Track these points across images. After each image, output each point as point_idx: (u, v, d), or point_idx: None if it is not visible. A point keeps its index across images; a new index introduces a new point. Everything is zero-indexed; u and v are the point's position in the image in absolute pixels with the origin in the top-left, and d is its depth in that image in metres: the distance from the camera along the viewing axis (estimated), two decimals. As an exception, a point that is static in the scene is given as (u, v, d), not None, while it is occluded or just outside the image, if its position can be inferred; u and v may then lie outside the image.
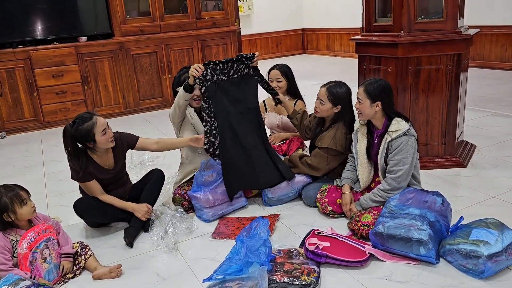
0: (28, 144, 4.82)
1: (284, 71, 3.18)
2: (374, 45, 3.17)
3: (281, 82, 3.17)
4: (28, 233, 2.09)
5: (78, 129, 2.36)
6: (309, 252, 2.13)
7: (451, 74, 3.03)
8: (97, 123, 2.38)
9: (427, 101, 3.11)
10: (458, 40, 2.95)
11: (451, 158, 3.21)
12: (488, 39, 6.74)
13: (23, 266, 2.04)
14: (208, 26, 6.10)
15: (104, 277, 2.18)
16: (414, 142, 2.34)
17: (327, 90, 2.63)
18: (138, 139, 2.68)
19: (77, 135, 2.37)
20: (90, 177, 2.50)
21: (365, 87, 2.39)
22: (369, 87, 2.37)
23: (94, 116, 2.40)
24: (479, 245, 1.94)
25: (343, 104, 2.64)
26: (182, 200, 2.81)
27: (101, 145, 2.45)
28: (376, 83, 2.38)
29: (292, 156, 2.86)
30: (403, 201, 2.25)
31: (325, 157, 2.68)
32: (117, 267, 2.20)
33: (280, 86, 3.16)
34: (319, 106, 2.68)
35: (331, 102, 2.63)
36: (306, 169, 2.76)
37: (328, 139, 2.65)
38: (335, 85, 2.65)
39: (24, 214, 2.11)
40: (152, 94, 5.93)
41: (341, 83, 2.68)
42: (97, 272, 2.19)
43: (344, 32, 9.53)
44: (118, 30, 5.61)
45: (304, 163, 2.74)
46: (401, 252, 2.11)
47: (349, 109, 2.68)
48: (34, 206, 2.16)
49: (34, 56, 5.18)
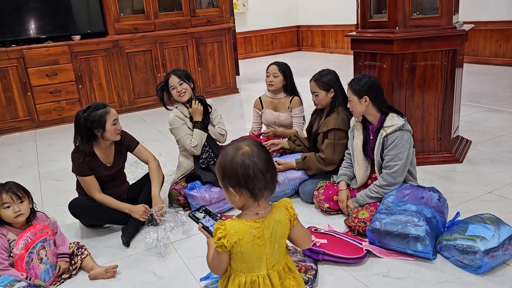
0: (22, 144, 4.78)
1: (282, 68, 3.17)
2: (369, 41, 3.16)
3: (277, 77, 3.15)
4: (25, 233, 2.07)
5: (91, 114, 2.42)
6: (306, 250, 2.12)
7: (447, 70, 3.03)
8: (110, 112, 2.47)
9: (423, 97, 3.11)
10: (453, 36, 2.95)
11: (446, 154, 3.21)
12: (482, 34, 6.76)
13: (19, 267, 2.03)
14: (203, 24, 6.08)
15: (100, 277, 2.17)
16: (409, 137, 2.34)
17: (315, 82, 2.76)
18: (138, 145, 2.72)
19: (89, 119, 2.42)
20: (89, 171, 2.50)
21: (350, 85, 2.43)
22: (354, 84, 2.41)
23: (108, 106, 2.50)
24: (476, 240, 1.94)
25: (335, 87, 2.74)
26: (178, 195, 2.80)
27: (109, 135, 2.49)
28: (361, 79, 2.40)
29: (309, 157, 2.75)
30: (400, 198, 2.25)
31: (333, 144, 2.67)
32: (113, 267, 2.19)
33: (275, 82, 3.15)
34: (316, 99, 2.79)
35: (323, 89, 2.74)
36: (321, 165, 2.71)
37: (332, 121, 2.69)
38: (320, 74, 2.77)
39: (4, 216, 2.08)
40: (147, 92, 5.90)
41: (324, 70, 2.80)
42: (93, 272, 2.18)
43: (339, 29, 9.52)
44: (112, 28, 5.58)
45: (318, 159, 2.72)
46: (398, 248, 2.11)
47: (342, 89, 2.76)
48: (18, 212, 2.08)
49: (28, 55, 5.14)
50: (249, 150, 1.27)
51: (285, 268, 1.36)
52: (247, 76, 7.85)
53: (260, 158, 1.26)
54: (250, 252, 1.28)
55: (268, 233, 1.30)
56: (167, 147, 4.09)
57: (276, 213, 1.34)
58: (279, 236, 1.33)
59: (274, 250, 1.32)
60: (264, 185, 1.27)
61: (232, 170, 1.26)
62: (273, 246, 1.32)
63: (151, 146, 4.15)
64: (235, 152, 1.27)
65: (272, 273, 1.32)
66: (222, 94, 6.35)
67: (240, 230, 1.27)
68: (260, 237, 1.29)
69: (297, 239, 1.40)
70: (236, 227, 1.27)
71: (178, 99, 2.86)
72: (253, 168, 1.24)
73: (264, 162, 1.27)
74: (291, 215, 1.36)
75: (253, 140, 1.35)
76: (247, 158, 1.25)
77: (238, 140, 1.44)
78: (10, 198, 2.07)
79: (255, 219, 1.30)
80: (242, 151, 1.27)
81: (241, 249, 1.28)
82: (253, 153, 1.26)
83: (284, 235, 1.35)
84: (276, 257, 1.34)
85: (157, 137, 4.56)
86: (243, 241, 1.27)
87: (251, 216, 1.30)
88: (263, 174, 1.25)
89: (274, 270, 1.33)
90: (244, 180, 1.25)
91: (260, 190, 1.27)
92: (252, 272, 1.31)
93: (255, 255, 1.29)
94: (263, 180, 1.26)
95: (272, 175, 1.29)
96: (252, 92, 6.41)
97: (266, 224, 1.30)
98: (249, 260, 1.29)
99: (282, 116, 3.21)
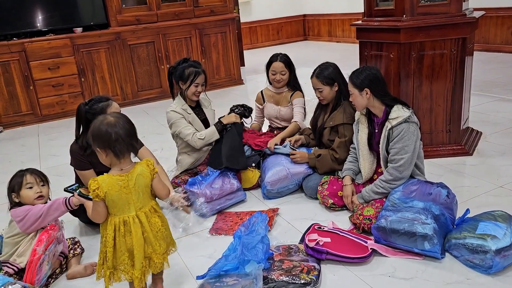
0: (25, 139, 4.75)
1: (288, 62, 3.06)
2: (375, 30, 3.05)
3: (285, 74, 3.06)
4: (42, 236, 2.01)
5: (92, 107, 2.38)
6: (309, 249, 2.05)
7: (456, 59, 2.92)
8: (112, 105, 2.42)
9: (431, 88, 2.99)
10: (463, 23, 2.83)
11: (456, 146, 3.10)
12: (493, 21, 6.56)
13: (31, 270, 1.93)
14: (206, 14, 5.97)
15: (78, 275, 2.13)
16: (415, 129, 2.24)
17: (317, 78, 2.67)
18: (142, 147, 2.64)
19: (90, 112, 2.37)
20: (89, 166, 2.45)
21: (350, 78, 2.36)
22: (354, 77, 2.33)
23: (110, 100, 2.46)
24: (487, 239, 1.85)
25: (338, 80, 2.66)
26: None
27: None
28: (361, 72, 2.32)
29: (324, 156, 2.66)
30: (407, 194, 2.16)
31: (344, 143, 2.60)
32: (92, 264, 2.15)
33: (283, 79, 3.06)
34: (321, 95, 2.70)
35: (327, 84, 2.65)
36: (335, 165, 2.63)
37: (339, 115, 2.62)
38: (321, 69, 2.68)
39: (24, 197, 2.09)
40: (150, 85, 5.83)
41: (324, 64, 2.71)
42: (71, 271, 2.14)
43: (346, 17, 9.34)
44: (114, 20, 5.49)
45: (332, 158, 2.63)
46: (404, 247, 2.02)
47: (344, 81, 2.66)
48: (39, 193, 2.12)
49: (29, 48, 5.08)
50: (113, 120, 1.64)
51: (151, 209, 1.75)
52: (253, 66, 7.73)
53: (121, 126, 1.64)
54: (119, 198, 1.66)
55: (132, 183, 1.68)
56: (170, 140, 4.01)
57: (138, 167, 1.72)
58: (142, 186, 1.71)
59: (139, 196, 1.70)
60: (126, 147, 1.65)
61: (99, 134, 1.63)
62: (138, 193, 1.70)
63: (154, 140, 4.12)
64: (102, 121, 1.65)
65: (140, 213, 1.71)
66: (226, 86, 6.26)
67: (109, 182, 1.65)
68: (126, 187, 1.67)
69: (156, 190, 1.77)
70: (105, 180, 1.65)
71: (189, 96, 2.83)
72: (115, 134, 1.62)
73: (123, 130, 1.64)
74: (151, 170, 1.73)
75: (118, 113, 1.80)
76: (110, 126, 1.63)
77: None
78: (34, 179, 2.13)
79: (121, 173, 1.68)
80: (107, 121, 1.64)
81: (112, 197, 1.65)
82: (116, 122, 1.64)
83: (147, 185, 1.73)
84: (141, 201, 1.72)
85: (160, 131, 4.49)
86: (112, 190, 1.64)
87: (117, 171, 1.68)
88: (123, 138, 1.63)
89: (142, 211, 1.71)
90: (108, 142, 1.62)
91: (121, 150, 1.64)
92: (123, 214, 1.68)
93: (123, 201, 1.67)
94: (123, 143, 1.63)
95: (131, 139, 1.66)
96: (257, 83, 6.31)
97: (130, 177, 1.68)
98: (119, 205, 1.67)
99: (283, 111, 3.12)
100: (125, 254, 1.70)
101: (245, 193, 2.78)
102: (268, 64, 3.09)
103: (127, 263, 1.70)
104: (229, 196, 2.69)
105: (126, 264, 1.70)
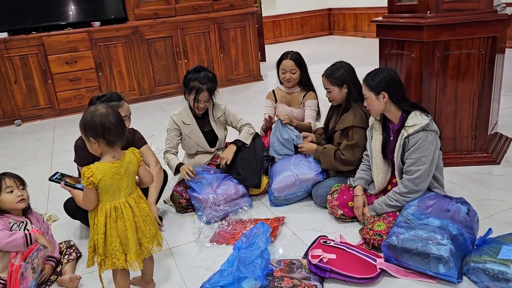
0: (41, 133, 4.75)
1: (298, 61, 2.91)
2: (397, 27, 2.84)
3: (295, 73, 2.90)
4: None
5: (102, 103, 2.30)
6: (312, 266, 1.90)
7: (484, 59, 2.68)
8: (123, 106, 2.37)
9: (456, 90, 2.77)
10: (494, 21, 2.59)
11: (482, 153, 2.87)
12: (530, 17, 6.15)
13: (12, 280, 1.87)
14: (225, 8, 5.82)
15: (65, 284, 2.09)
16: (434, 138, 2.05)
17: (327, 78, 2.55)
18: (143, 145, 2.55)
19: None
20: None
21: (365, 80, 2.17)
22: (369, 80, 2.15)
23: (123, 100, 2.42)
24: (510, 265, 1.66)
25: (348, 82, 2.52)
26: (180, 197, 2.62)
27: None
28: (377, 73, 2.14)
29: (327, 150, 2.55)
30: (422, 209, 1.97)
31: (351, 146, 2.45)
32: (76, 277, 2.08)
33: (293, 78, 2.90)
34: (330, 95, 2.59)
35: (336, 85, 2.53)
36: (337, 164, 2.50)
37: (349, 118, 2.47)
38: (332, 69, 2.56)
39: (5, 201, 2.02)
40: (168, 80, 5.75)
41: (337, 64, 2.59)
42: (61, 278, 2.12)
43: (373, 12, 9.00)
44: (132, 14, 5.43)
45: (337, 156, 2.50)
46: (417, 268, 1.85)
47: (357, 84, 2.51)
48: (21, 196, 2.04)
49: (47, 42, 5.08)
50: (105, 111, 1.70)
51: (138, 195, 1.82)
52: (275, 62, 7.54)
53: (112, 116, 1.69)
54: (112, 184, 1.71)
55: (123, 170, 1.74)
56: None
57: (128, 155, 1.78)
58: (131, 172, 1.78)
59: (128, 183, 1.76)
60: (117, 135, 1.70)
61: (92, 124, 1.67)
62: (128, 180, 1.76)
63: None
64: (94, 112, 1.69)
65: (129, 199, 1.76)
66: (245, 82, 6.12)
67: (102, 169, 1.69)
68: (118, 173, 1.72)
69: (142, 176, 1.86)
70: (99, 168, 1.70)
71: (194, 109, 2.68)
72: (107, 123, 1.67)
73: (115, 119, 1.70)
74: (138, 157, 1.81)
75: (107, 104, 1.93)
76: (103, 117, 1.68)
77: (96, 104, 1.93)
78: (13, 182, 2.06)
79: (113, 160, 1.72)
80: (99, 112, 1.69)
81: (105, 183, 1.69)
82: (107, 113, 1.69)
83: (135, 171, 1.81)
84: (130, 187, 1.77)
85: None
86: (106, 177, 1.69)
87: (109, 159, 1.73)
88: (115, 127, 1.69)
89: (131, 197, 1.77)
90: (101, 131, 1.67)
91: (114, 139, 1.70)
92: (113, 200, 1.73)
93: (115, 186, 1.72)
94: (115, 131, 1.69)
95: (122, 128, 1.72)
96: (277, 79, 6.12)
97: (121, 163, 1.74)
98: (111, 191, 1.72)
99: (296, 112, 2.97)
100: (116, 240, 1.73)
101: (250, 198, 2.65)
102: (278, 62, 2.95)
103: (118, 249, 1.73)
104: (234, 202, 2.56)
105: (117, 251, 1.73)
